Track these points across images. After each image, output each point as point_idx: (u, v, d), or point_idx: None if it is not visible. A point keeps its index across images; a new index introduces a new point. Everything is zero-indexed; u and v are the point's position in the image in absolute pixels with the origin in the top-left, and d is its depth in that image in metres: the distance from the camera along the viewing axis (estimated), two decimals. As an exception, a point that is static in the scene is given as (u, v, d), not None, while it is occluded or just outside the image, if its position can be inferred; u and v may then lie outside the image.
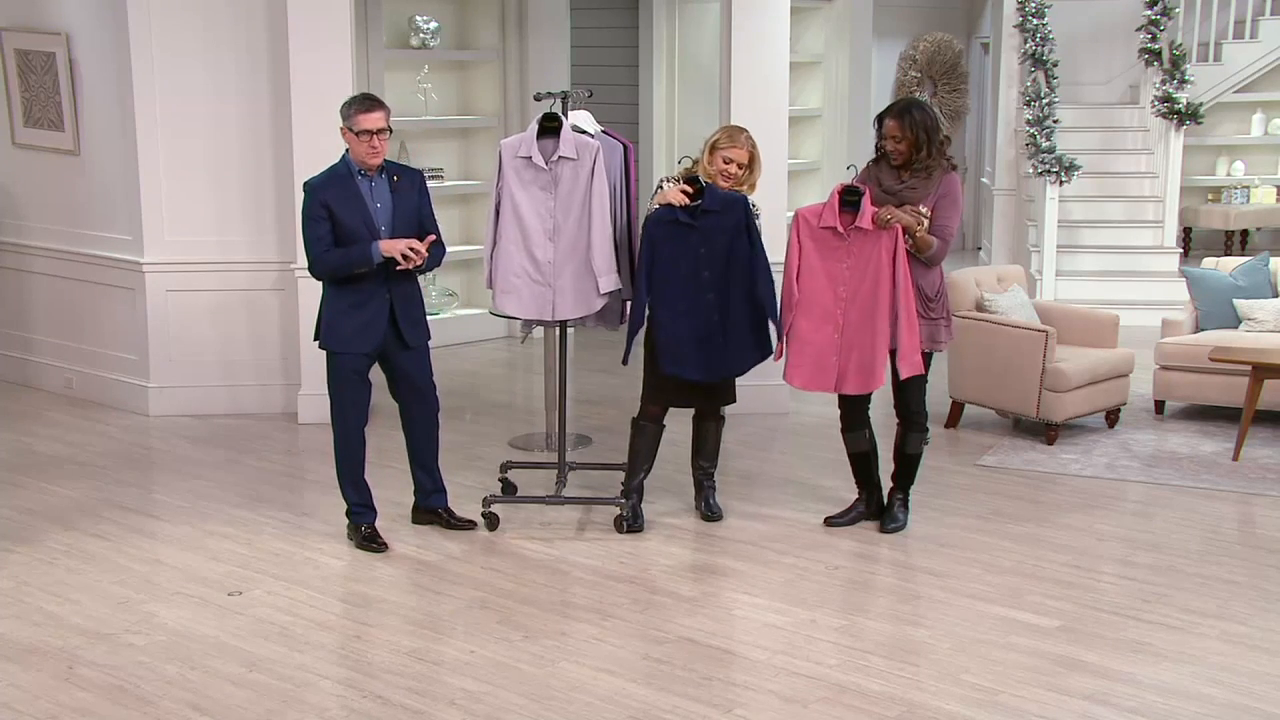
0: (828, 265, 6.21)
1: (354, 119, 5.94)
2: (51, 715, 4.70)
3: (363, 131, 5.93)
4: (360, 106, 5.96)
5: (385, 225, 6.05)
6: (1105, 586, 5.87)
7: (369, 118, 5.93)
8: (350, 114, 5.96)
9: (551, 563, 6.12)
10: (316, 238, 6.00)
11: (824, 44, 13.17)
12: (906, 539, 6.44)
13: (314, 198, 6.02)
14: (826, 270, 6.22)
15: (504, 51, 10.65)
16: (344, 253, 5.98)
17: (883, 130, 6.25)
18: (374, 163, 6.00)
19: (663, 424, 6.56)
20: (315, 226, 6.00)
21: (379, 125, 5.94)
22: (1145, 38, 12.43)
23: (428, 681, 4.95)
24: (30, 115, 8.85)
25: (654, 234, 6.24)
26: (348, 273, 6.00)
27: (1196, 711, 4.73)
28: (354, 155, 6.01)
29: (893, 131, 6.21)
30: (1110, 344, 8.36)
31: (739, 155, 6.35)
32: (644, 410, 6.53)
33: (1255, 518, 6.82)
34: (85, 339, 8.86)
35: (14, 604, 5.65)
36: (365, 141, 5.94)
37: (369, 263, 5.96)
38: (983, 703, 4.79)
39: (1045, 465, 7.55)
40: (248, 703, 4.79)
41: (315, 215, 6.00)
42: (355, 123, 5.93)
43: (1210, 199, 13.72)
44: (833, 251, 6.20)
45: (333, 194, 6.00)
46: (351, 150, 6.01)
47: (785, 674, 5.01)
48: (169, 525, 6.60)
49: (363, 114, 5.93)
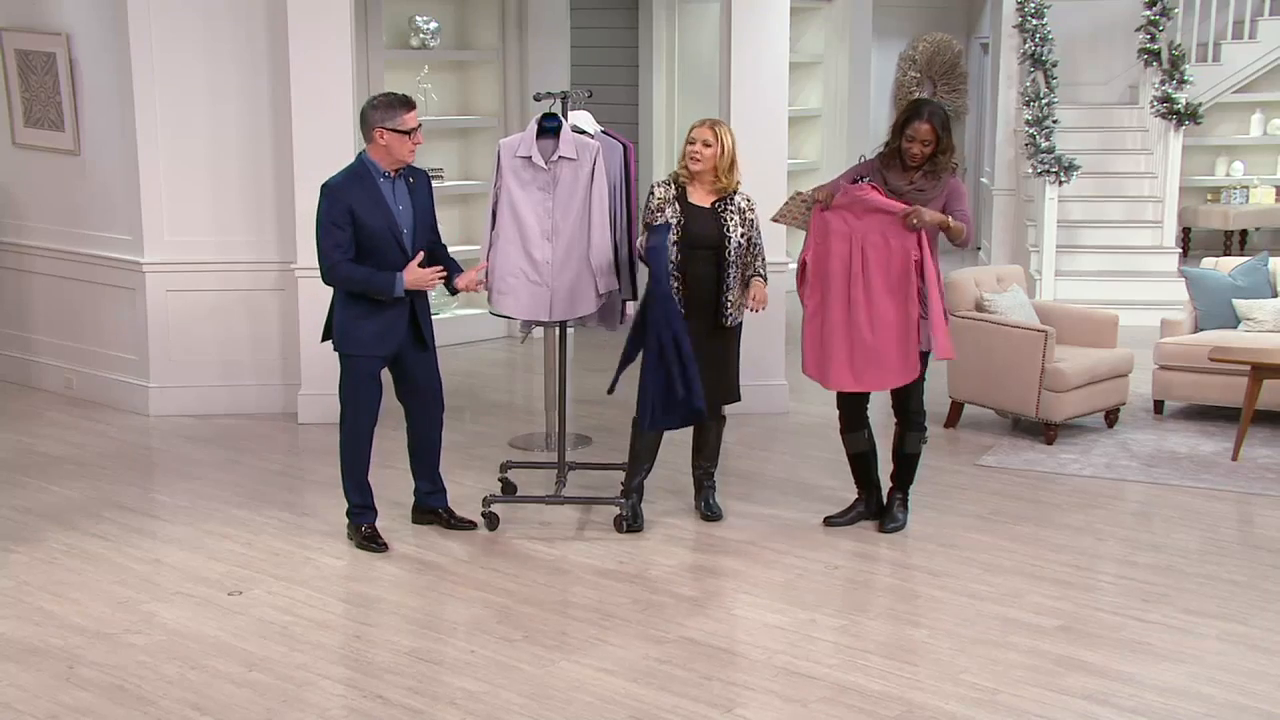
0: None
1: (399, 119, 5.90)
2: (52, 715, 4.70)
3: (409, 131, 5.91)
4: (403, 106, 5.94)
5: (407, 227, 6.03)
6: (1104, 586, 5.88)
7: (412, 116, 5.94)
8: (393, 114, 5.91)
9: (551, 562, 6.12)
10: (335, 244, 5.90)
11: (823, 44, 13.19)
12: (906, 539, 6.44)
13: (337, 201, 5.91)
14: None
15: (504, 52, 10.65)
16: (367, 274, 5.92)
17: (909, 131, 6.14)
18: (412, 160, 6.00)
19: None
20: (335, 233, 5.90)
21: (418, 123, 5.96)
22: (1144, 38, 12.43)
23: (428, 681, 4.95)
24: (31, 115, 8.85)
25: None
26: (363, 292, 5.98)
27: (1196, 711, 4.73)
28: (395, 154, 5.95)
29: (925, 134, 6.11)
30: (1110, 344, 8.36)
31: (703, 133, 6.29)
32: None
33: (1254, 518, 6.82)
34: (85, 339, 8.85)
35: (14, 604, 5.65)
36: (409, 140, 5.93)
37: (388, 293, 5.92)
38: (982, 702, 4.79)
39: (1044, 465, 7.55)
40: (248, 702, 4.79)
41: (337, 220, 5.90)
42: (401, 122, 5.90)
43: (1209, 199, 13.71)
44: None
45: (356, 196, 5.93)
46: (392, 149, 5.94)
47: (785, 673, 5.01)
48: (169, 525, 6.60)
49: (407, 113, 5.93)
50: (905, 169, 6.21)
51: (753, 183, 6.62)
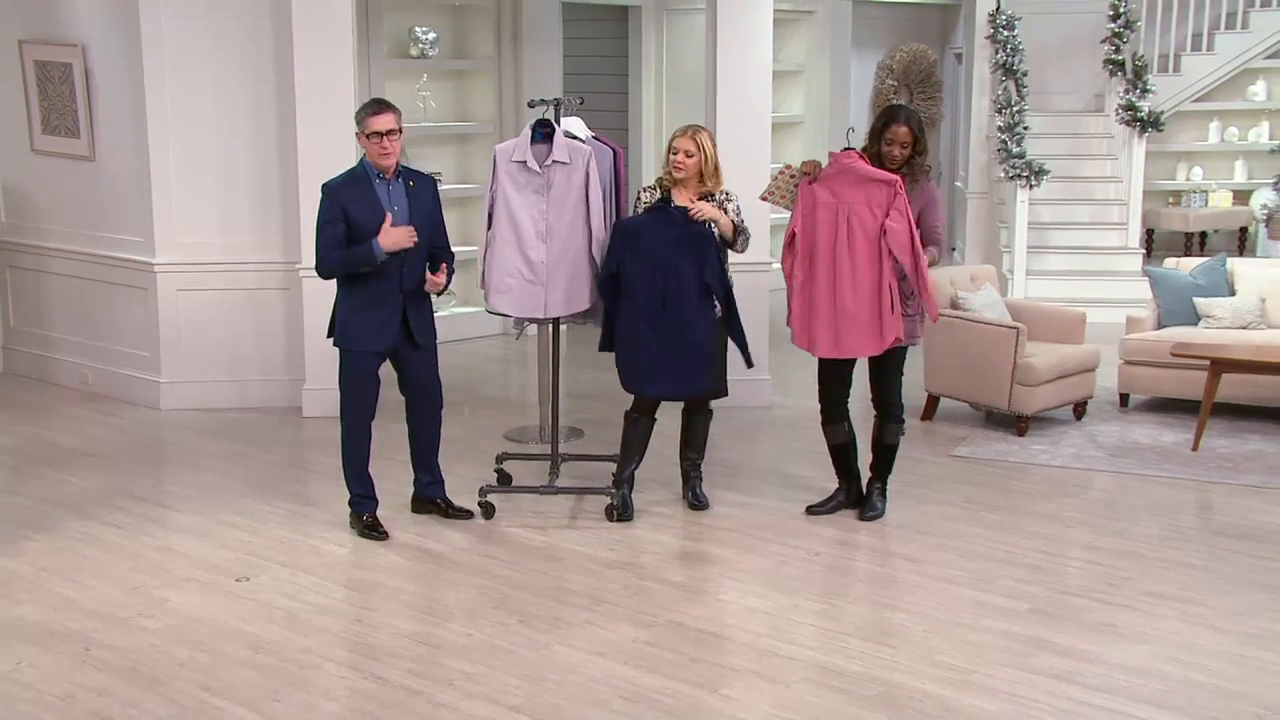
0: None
1: (365, 122, 5.96)
2: (69, 694, 4.69)
3: (373, 134, 5.93)
4: (369, 110, 5.98)
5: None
6: (1072, 571, 5.88)
7: (378, 120, 5.94)
8: (362, 118, 5.98)
9: (545, 550, 6.11)
10: (326, 238, 5.97)
11: (805, 53, 13.19)
12: (884, 526, 6.44)
13: (331, 199, 5.98)
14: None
15: (499, 61, 10.63)
16: (347, 252, 5.95)
17: (888, 135, 6.15)
18: (385, 163, 5.99)
19: (654, 417, 6.55)
20: (328, 228, 5.97)
21: (388, 127, 5.94)
22: (1109, 49, 12.45)
23: (427, 663, 4.94)
24: (48, 123, 8.82)
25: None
26: (351, 270, 5.98)
27: (1157, 688, 4.74)
28: (370, 157, 6.00)
29: (904, 137, 6.13)
30: (1078, 340, 8.37)
31: (685, 144, 6.30)
32: (636, 403, 6.52)
33: (1213, 504, 6.83)
34: (100, 337, 8.83)
35: (34, 589, 5.63)
36: (376, 143, 5.94)
37: (372, 261, 5.93)
38: (957, 682, 4.79)
39: (1016, 456, 7.56)
40: (255, 683, 4.78)
41: (330, 217, 5.96)
42: (366, 126, 5.94)
43: (1171, 202, 13.73)
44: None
45: (349, 195, 5.96)
46: (368, 153, 6.00)
47: (769, 655, 5.01)
48: (180, 514, 6.58)
49: (371, 117, 5.95)
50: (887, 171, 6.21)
51: (738, 187, 6.60)
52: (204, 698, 4.67)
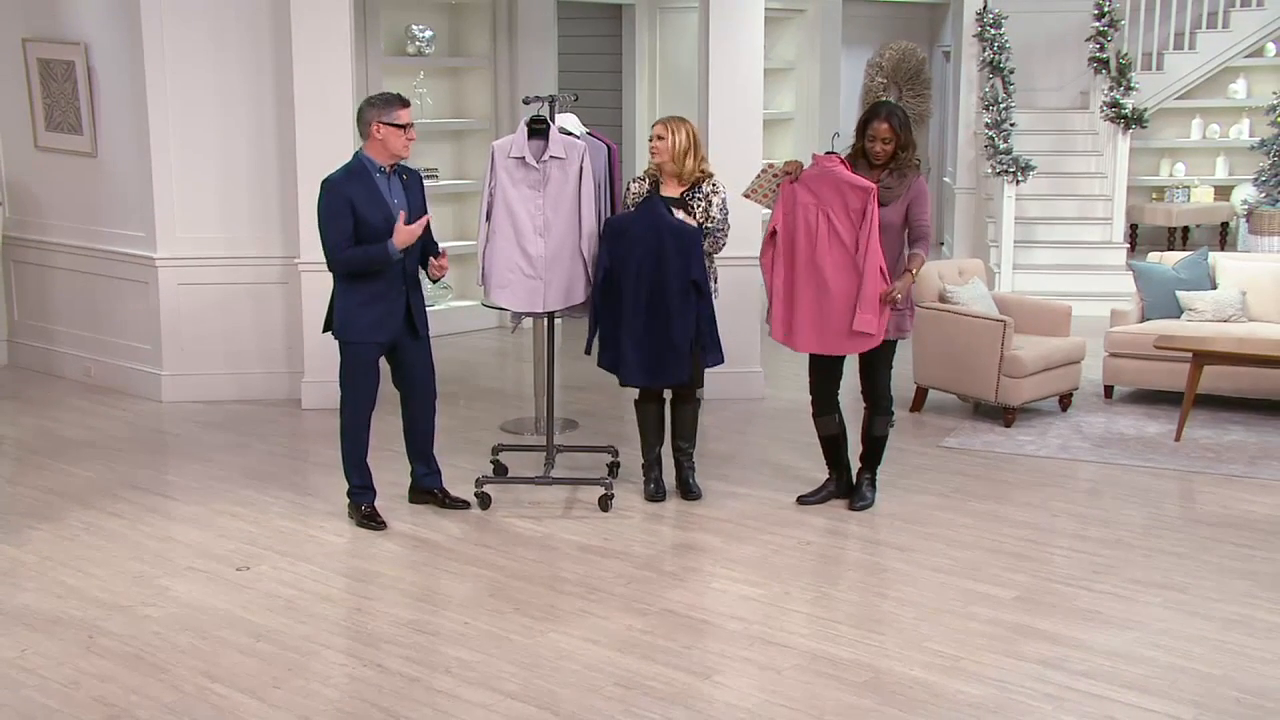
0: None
1: (394, 114, 5.91)
2: (73, 681, 4.68)
3: (403, 125, 5.90)
4: (397, 103, 5.96)
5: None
6: (1058, 559, 5.89)
7: (406, 112, 5.94)
8: (389, 109, 5.92)
9: (540, 540, 6.11)
10: (335, 234, 5.90)
11: (796, 51, 13.17)
12: (874, 516, 6.44)
13: (337, 194, 5.90)
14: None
15: (495, 58, 10.61)
16: (364, 250, 5.90)
17: (869, 132, 6.16)
18: (406, 155, 5.98)
19: (661, 399, 6.55)
20: (338, 222, 5.89)
21: (412, 119, 5.95)
22: (1094, 47, 12.46)
23: (425, 651, 4.94)
24: (51, 120, 8.80)
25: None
26: (366, 269, 5.96)
27: (1141, 673, 4.75)
28: (390, 147, 5.94)
29: (885, 134, 6.13)
30: (1063, 333, 8.38)
31: (657, 129, 6.38)
32: (642, 390, 6.53)
33: (1195, 494, 6.84)
34: (103, 330, 8.81)
35: (38, 577, 5.62)
36: (402, 134, 5.92)
37: (388, 261, 5.92)
38: (945, 668, 4.79)
39: (1003, 446, 7.56)
40: (256, 670, 4.77)
41: (339, 211, 5.89)
42: (396, 117, 5.91)
43: (1154, 198, 13.74)
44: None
45: (355, 190, 5.92)
46: (388, 144, 5.93)
47: (760, 643, 5.01)
48: (181, 504, 6.57)
49: (401, 109, 5.93)
50: (871, 167, 6.22)
51: (729, 181, 6.61)
52: (205, 684, 4.67)
